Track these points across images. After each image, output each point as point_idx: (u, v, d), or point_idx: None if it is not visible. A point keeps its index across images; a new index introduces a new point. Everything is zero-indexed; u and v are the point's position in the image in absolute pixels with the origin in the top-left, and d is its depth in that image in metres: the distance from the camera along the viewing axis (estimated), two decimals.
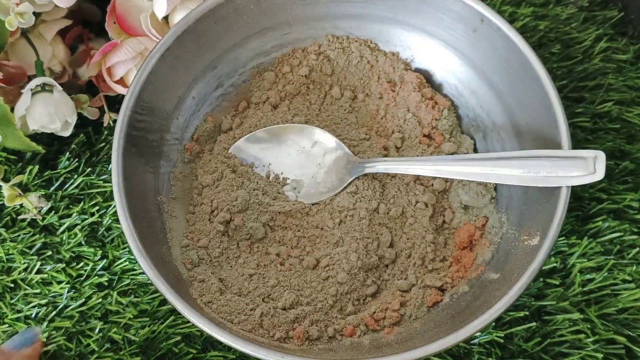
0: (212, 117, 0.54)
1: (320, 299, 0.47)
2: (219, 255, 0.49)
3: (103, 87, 0.55)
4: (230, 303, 0.46)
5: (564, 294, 0.51)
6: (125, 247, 0.52)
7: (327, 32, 0.55)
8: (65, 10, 0.54)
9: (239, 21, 0.53)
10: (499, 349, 0.49)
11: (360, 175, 0.51)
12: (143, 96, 0.48)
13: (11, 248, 0.52)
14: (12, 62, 0.53)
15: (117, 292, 0.51)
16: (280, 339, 0.45)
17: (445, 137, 0.53)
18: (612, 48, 0.62)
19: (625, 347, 0.49)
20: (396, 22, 0.54)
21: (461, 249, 0.50)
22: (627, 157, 0.56)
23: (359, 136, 0.53)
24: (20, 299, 0.51)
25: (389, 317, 0.47)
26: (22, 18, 0.49)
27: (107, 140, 0.56)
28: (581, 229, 0.53)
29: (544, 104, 0.47)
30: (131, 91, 0.48)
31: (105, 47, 0.53)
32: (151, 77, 0.49)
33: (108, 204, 0.54)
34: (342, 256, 0.49)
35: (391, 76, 0.55)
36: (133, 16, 0.53)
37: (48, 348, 0.49)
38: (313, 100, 0.55)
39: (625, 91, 0.59)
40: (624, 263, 0.52)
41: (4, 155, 0.55)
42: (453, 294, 0.48)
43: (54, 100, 0.52)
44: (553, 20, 0.63)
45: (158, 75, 0.49)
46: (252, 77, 0.55)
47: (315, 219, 0.51)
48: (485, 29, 0.50)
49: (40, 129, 0.52)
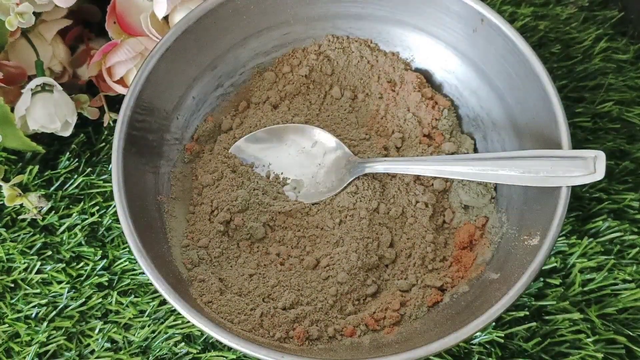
0: (212, 117, 0.54)
1: (320, 299, 0.47)
2: (219, 255, 0.49)
3: (103, 87, 0.55)
4: (231, 303, 0.46)
5: (564, 293, 0.51)
6: (125, 247, 0.52)
7: (327, 32, 0.55)
8: (65, 10, 0.54)
9: (239, 21, 0.53)
10: (499, 349, 0.49)
11: (360, 175, 0.51)
12: (143, 96, 0.48)
13: (11, 248, 0.52)
14: (12, 62, 0.53)
15: (117, 292, 0.51)
16: (281, 339, 0.45)
17: (446, 137, 0.53)
18: (612, 48, 0.62)
19: (625, 347, 0.49)
20: (396, 22, 0.54)
21: (461, 248, 0.50)
22: (627, 157, 0.56)
23: (359, 136, 0.53)
24: (21, 298, 0.51)
25: (389, 317, 0.47)
26: (22, 18, 0.49)
27: (107, 140, 0.56)
28: (581, 228, 0.53)
29: (544, 104, 0.47)
30: (131, 91, 0.48)
31: (105, 47, 0.53)
32: (151, 77, 0.49)
33: (108, 204, 0.54)
34: (342, 256, 0.48)
35: (391, 76, 0.55)
36: (133, 16, 0.53)
37: (48, 348, 0.49)
38: (313, 100, 0.55)
39: (625, 91, 0.59)
40: (624, 263, 0.52)
41: (4, 155, 0.55)
42: (453, 293, 0.48)
43: (54, 100, 0.52)
44: (553, 20, 0.63)
45: (158, 75, 0.49)
46: (252, 77, 0.55)
47: (315, 219, 0.51)
48: (486, 29, 0.50)
49: (41, 129, 0.52)
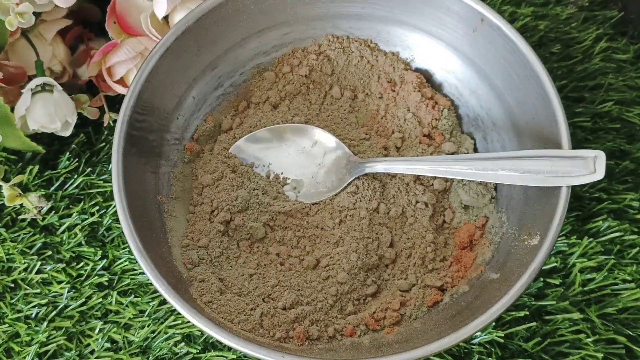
0: (212, 117, 0.54)
1: (320, 299, 0.47)
2: (219, 255, 0.49)
3: (103, 87, 0.55)
4: (231, 303, 0.46)
5: (564, 293, 0.51)
6: (125, 247, 0.52)
7: (327, 32, 0.55)
8: (65, 10, 0.54)
9: (239, 21, 0.53)
10: (499, 349, 0.49)
11: (360, 175, 0.51)
12: (143, 96, 0.48)
13: (11, 248, 0.52)
14: (12, 62, 0.53)
15: (117, 292, 0.51)
16: (281, 338, 0.45)
17: (446, 137, 0.53)
18: (612, 48, 0.62)
19: (625, 347, 0.49)
20: (396, 22, 0.54)
21: (461, 248, 0.50)
22: (627, 156, 0.56)
23: (359, 136, 0.53)
24: (21, 298, 0.51)
25: (389, 317, 0.47)
26: (22, 18, 0.49)
27: (107, 140, 0.56)
28: (581, 228, 0.53)
29: (544, 104, 0.47)
30: (131, 91, 0.48)
31: (105, 47, 0.53)
32: (151, 77, 0.49)
33: (108, 204, 0.54)
34: (342, 256, 0.48)
35: (391, 76, 0.55)
36: (133, 16, 0.53)
37: (48, 348, 0.49)
38: (313, 100, 0.55)
39: (625, 91, 0.59)
40: (624, 263, 0.52)
41: (4, 155, 0.55)
42: (453, 293, 0.48)
43: (54, 100, 0.52)
44: (553, 20, 0.63)
45: (158, 75, 0.49)
46: (252, 77, 0.55)
47: (315, 218, 0.51)
48: (486, 29, 0.50)
49: (41, 129, 0.52)
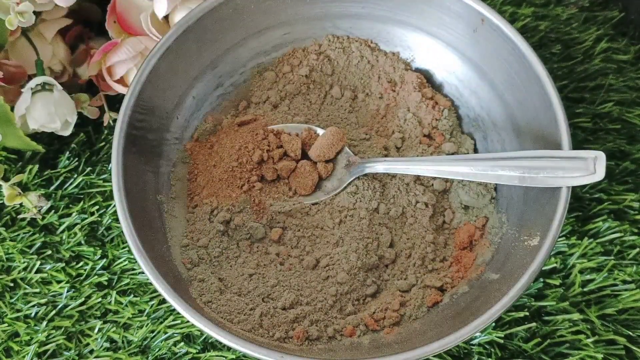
0: (212, 117, 0.54)
1: (320, 299, 0.47)
2: (219, 255, 0.49)
3: (103, 87, 0.55)
4: (230, 303, 0.46)
5: (564, 294, 0.51)
6: (125, 246, 0.52)
7: (327, 32, 0.55)
8: (66, 9, 0.54)
9: (239, 21, 0.53)
10: (499, 350, 0.49)
11: (360, 175, 0.51)
12: (143, 96, 0.48)
13: (11, 247, 0.52)
14: (13, 61, 0.53)
15: (116, 291, 0.51)
16: (280, 338, 0.45)
17: (446, 137, 0.53)
18: (613, 48, 0.62)
19: (625, 347, 0.49)
20: (396, 22, 0.54)
21: (461, 249, 0.50)
22: (628, 157, 0.56)
23: (359, 136, 0.53)
24: (20, 298, 0.51)
25: (388, 317, 0.47)
26: (23, 17, 0.49)
27: (107, 139, 0.56)
28: (581, 229, 0.53)
29: (545, 104, 0.47)
30: (131, 91, 0.48)
31: (106, 46, 0.53)
32: (151, 77, 0.49)
33: (108, 204, 0.54)
34: (342, 256, 0.48)
35: (391, 76, 0.55)
36: (133, 15, 0.53)
37: (47, 347, 0.49)
38: (313, 100, 0.55)
39: (625, 92, 0.59)
40: (624, 264, 0.52)
41: (4, 155, 0.55)
42: (453, 294, 0.48)
43: (54, 99, 0.52)
44: (554, 20, 0.63)
45: (158, 75, 0.49)
46: (252, 76, 0.55)
47: (315, 218, 0.51)
48: (486, 29, 0.50)
49: (41, 128, 0.52)
